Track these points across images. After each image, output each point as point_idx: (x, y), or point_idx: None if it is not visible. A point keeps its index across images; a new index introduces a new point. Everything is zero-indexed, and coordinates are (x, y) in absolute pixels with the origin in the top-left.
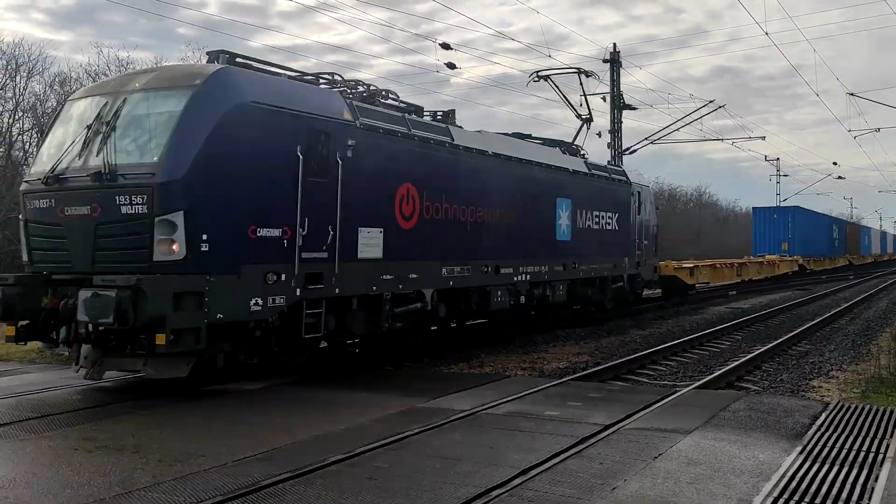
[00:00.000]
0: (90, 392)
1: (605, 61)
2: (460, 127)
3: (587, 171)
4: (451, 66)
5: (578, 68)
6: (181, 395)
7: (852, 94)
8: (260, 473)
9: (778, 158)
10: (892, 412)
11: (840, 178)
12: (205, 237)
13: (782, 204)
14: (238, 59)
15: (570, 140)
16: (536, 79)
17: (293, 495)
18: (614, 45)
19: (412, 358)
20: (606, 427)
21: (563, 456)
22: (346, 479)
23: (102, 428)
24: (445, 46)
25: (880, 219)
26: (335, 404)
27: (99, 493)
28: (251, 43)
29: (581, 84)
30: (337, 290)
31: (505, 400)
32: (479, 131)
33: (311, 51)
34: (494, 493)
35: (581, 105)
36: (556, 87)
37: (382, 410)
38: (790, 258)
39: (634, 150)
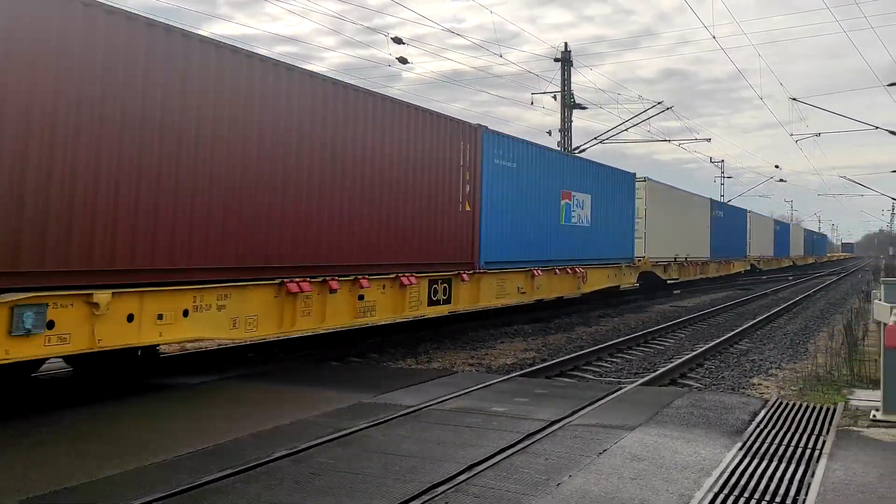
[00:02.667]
0: (26, 385)
1: (556, 60)
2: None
3: None
4: (403, 60)
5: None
6: (119, 390)
7: (795, 100)
8: (202, 470)
9: (723, 160)
10: (828, 409)
11: (782, 181)
12: None
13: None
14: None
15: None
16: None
17: (236, 492)
18: (566, 44)
19: (359, 353)
20: (552, 423)
21: (508, 452)
22: (290, 476)
23: (38, 422)
24: (397, 41)
25: (818, 221)
26: (279, 399)
27: (34, 488)
28: (199, 32)
29: None
30: None
31: (452, 396)
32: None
33: (261, 41)
34: (440, 488)
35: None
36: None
37: (328, 406)
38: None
39: (584, 150)
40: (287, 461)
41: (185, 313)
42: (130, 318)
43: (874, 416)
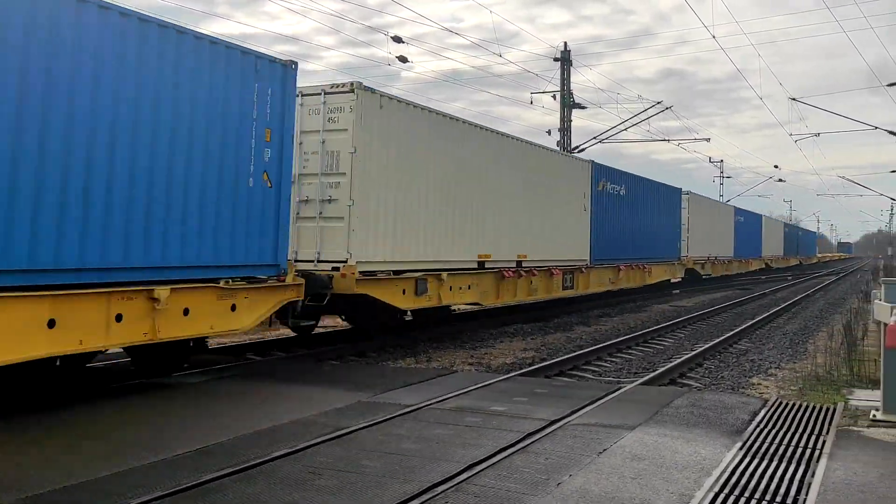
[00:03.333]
0: (23, 383)
1: (555, 60)
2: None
3: None
4: (403, 59)
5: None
6: (119, 389)
7: (794, 99)
8: (201, 469)
9: (722, 160)
10: (828, 409)
11: (781, 181)
12: None
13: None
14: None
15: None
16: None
17: (234, 491)
18: (565, 43)
19: (358, 352)
20: (552, 422)
21: (508, 451)
22: (290, 475)
23: (35, 421)
24: (397, 40)
25: (818, 221)
26: (278, 398)
27: (33, 487)
28: (199, 30)
29: None
30: None
31: (451, 395)
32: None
33: (260, 40)
34: (440, 488)
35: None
36: None
37: (328, 405)
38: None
39: (583, 149)
40: (287, 460)
41: None
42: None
43: (874, 416)
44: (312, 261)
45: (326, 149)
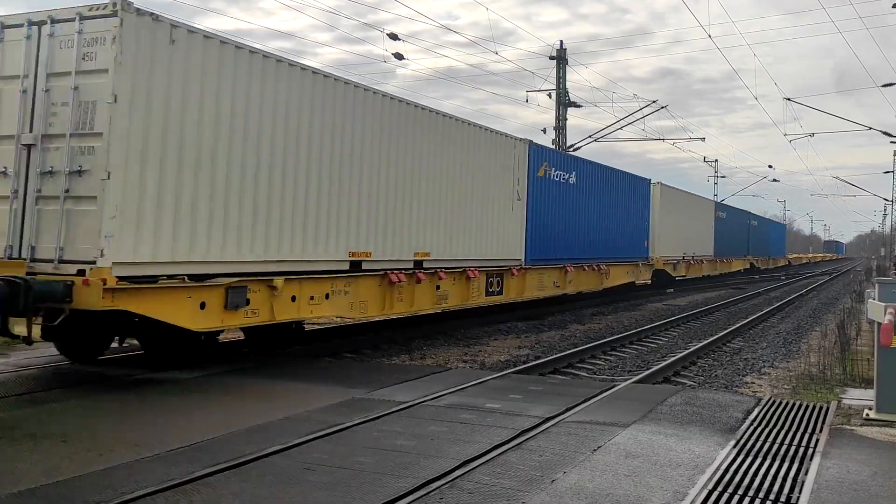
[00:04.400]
0: (16, 378)
1: (551, 58)
2: None
3: None
4: (399, 56)
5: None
6: (112, 384)
7: (789, 99)
8: (194, 464)
9: (716, 160)
10: (821, 408)
11: (775, 180)
12: None
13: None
14: None
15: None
16: None
17: (228, 487)
18: (561, 42)
19: (353, 349)
20: (546, 420)
21: (503, 448)
22: (283, 471)
23: (28, 415)
24: (393, 37)
25: (811, 221)
26: (272, 395)
27: (26, 481)
28: (194, 25)
29: None
30: None
31: (446, 392)
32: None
33: (256, 36)
34: (434, 484)
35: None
36: None
37: (321, 401)
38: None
39: (578, 148)
40: (280, 456)
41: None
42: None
43: (867, 414)
44: (52, 260)
45: (80, 98)
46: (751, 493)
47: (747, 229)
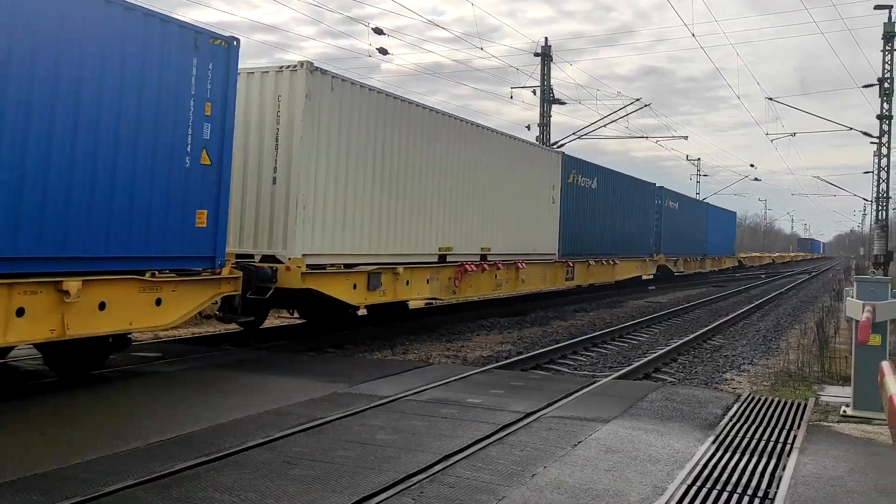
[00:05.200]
0: None
1: (536, 55)
2: None
3: None
4: (384, 51)
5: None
6: (93, 377)
7: (771, 99)
8: (174, 457)
9: (699, 159)
10: (799, 405)
11: (756, 179)
12: None
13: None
14: None
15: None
16: None
17: (208, 480)
18: (546, 39)
19: (335, 344)
20: (527, 415)
21: (484, 443)
22: (265, 464)
23: (7, 409)
24: (378, 31)
25: (792, 221)
26: (254, 388)
27: (5, 474)
28: (176, 17)
29: None
30: None
31: (428, 387)
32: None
33: (239, 28)
34: (415, 478)
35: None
36: None
37: (303, 395)
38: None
39: (562, 145)
40: (261, 450)
41: None
42: None
43: (844, 411)
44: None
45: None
46: (729, 487)
47: (654, 215)
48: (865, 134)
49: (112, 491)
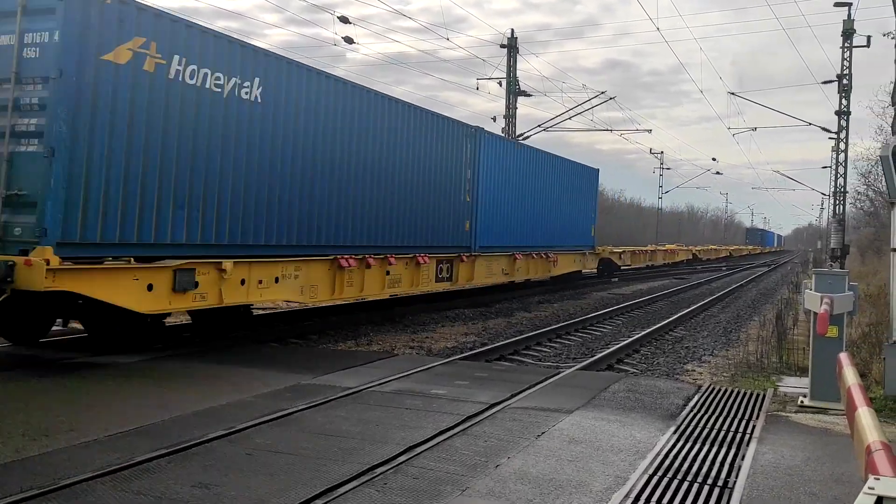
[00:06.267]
0: None
1: (502, 46)
2: None
3: None
4: (349, 40)
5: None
6: (51, 368)
7: (733, 94)
8: (134, 450)
9: (662, 152)
10: (758, 395)
11: (718, 173)
12: None
13: (663, 195)
14: None
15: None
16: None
17: (169, 472)
18: (512, 30)
19: (299, 334)
20: (492, 406)
21: (448, 434)
22: (226, 456)
23: None
24: (344, 20)
25: (752, 214)
26: (216, 379)
27: None
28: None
29: None
30: None
31: (392, 378)
32: None
33: (203, 15)
34: (379, 469)
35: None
36: None
37: (266, 386)
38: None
39: (527, 137)
40: (223, 441)
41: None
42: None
43: (802, 402)
44: None
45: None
46: (689, 477)
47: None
48: (824, 130)
49: (70, 484)
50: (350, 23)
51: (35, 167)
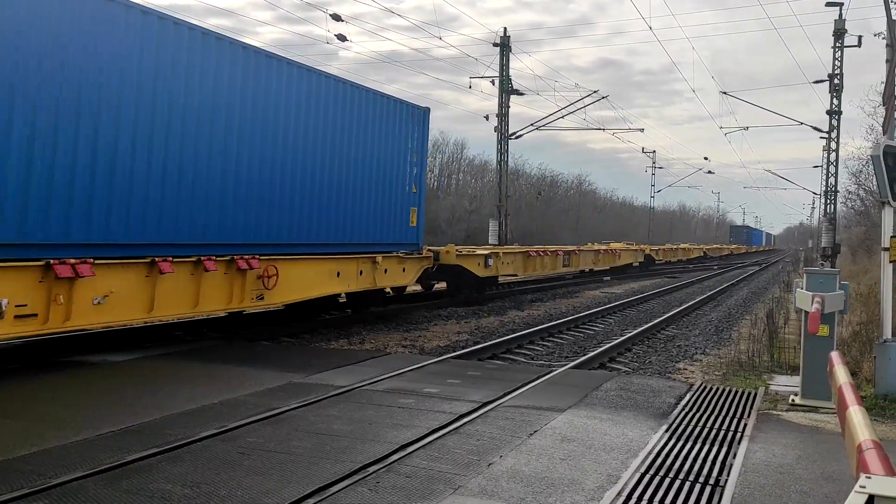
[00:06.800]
0: None
1: (494, 45)
2: None
3: None
4: (342, 38)
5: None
6: (44, 366)
7: (725, 93)
8: (125, 448)
9: (654, 151)
10: (749, 394)
11: (710, 172)
12: None
13: (655, 194)
14: None
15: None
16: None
17: (160, 471)
18: (504, 29)
19: (291, 333)
20: (484, 404)
21: (441, 432)
22: (218, 455)
23: None
24: (336, 18)
25: (743, 213)
26: (209, 378)
27: None
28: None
29: None
30: None
31: (385, 376)
32: None
33: (194, 12)
34: (371, 468)
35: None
36: None
37: (258, 385)
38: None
39: (520, 136)
40: (215, 440)
41: None
42: None
43: (793, 400)
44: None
45: None
46: (681, 475)
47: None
48: (815, 129)
49: (60, 483)
50: (343, 20)
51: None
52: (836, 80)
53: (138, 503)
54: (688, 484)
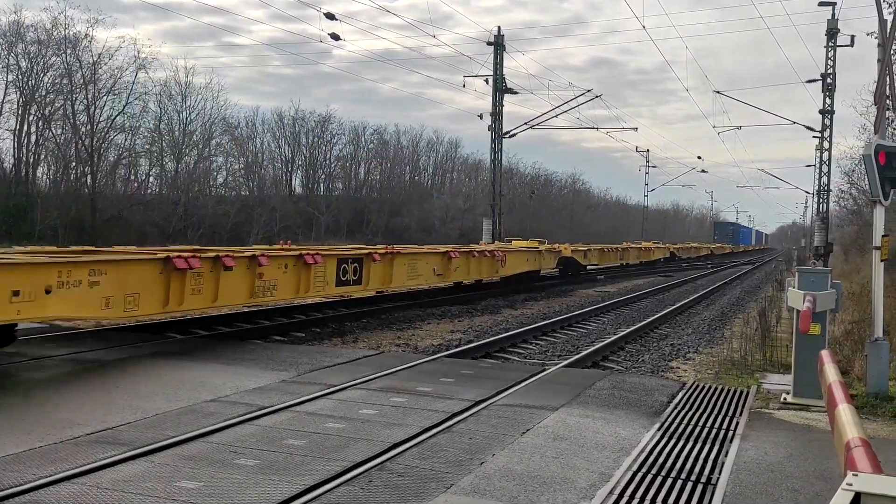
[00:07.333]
0: None
1: (489, 44)
2: None
3: None
4: (336, 36)
5: None
6: (30, 364)
7: (718, 92)
8: (108, 449)
9: (648, 150)
10: (742, 392)
11: (703, 171)
12: None
13: (649, 193)
14: None
15: None
16: None
17: (149, 472)
18: (499, 28)
19: (282, 331)
20: (477, 403)
21: (433, 431)
22: (208, 455)
23: None
24: (330, 16)
25: (737, 212)
26: (200, 377)
27: None
28: (121, 0)
29: None
30: None
31: (377, 375)
32: None
33: (186, 10)
34: (363, 467)
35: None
36: None
37: (250, 384)
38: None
39: (514, 135)
40: (204, 440)
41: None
42: None
43: (784, 399)
44: None
45: None
46: (673, 474)
47: None
48: (808, 128)
49: (39, 486)
50: (336, 19)
51: None
52: (828, 80)
53: (138, 503)
54: (680, 482)
